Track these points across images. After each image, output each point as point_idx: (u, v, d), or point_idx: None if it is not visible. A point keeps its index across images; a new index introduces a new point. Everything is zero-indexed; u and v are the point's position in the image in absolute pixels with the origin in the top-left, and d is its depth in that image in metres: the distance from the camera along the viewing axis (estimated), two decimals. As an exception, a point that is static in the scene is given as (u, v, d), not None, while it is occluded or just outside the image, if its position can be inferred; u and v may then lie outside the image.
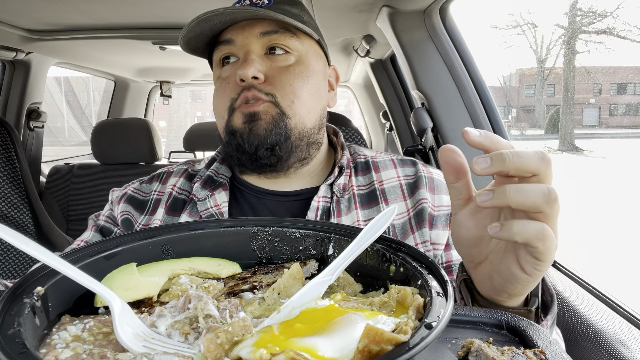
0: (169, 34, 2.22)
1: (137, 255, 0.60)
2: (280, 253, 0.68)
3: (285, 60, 0.97)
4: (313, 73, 1.00)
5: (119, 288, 0.53)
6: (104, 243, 0.59)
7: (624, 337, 1.06)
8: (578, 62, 28.93)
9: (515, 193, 0.54)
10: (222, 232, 0.67)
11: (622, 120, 41.58)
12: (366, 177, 1.06)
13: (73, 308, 0.52)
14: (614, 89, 42.12)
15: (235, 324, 0.43)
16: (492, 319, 0.59)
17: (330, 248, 0.65)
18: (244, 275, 0.62)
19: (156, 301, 0.55)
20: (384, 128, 3.32)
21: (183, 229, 0.65)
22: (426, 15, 1.68)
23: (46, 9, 1.84)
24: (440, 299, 0.46)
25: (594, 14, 29.98)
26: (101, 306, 0.53)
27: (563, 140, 24.54)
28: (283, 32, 0.97)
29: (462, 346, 0.51)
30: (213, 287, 0.59)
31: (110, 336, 0.46)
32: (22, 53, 2.55)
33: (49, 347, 0.43)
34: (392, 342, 0.38)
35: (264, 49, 0.97)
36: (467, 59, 1.70)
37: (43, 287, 0.48)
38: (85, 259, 0.55)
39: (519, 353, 0.47)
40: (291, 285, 0.57)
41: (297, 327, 0.44)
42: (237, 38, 0.97)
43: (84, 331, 0.46)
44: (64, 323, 0.48)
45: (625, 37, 30.10)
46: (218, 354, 0.40)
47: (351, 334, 0.42)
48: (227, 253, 0.66)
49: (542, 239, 0.55)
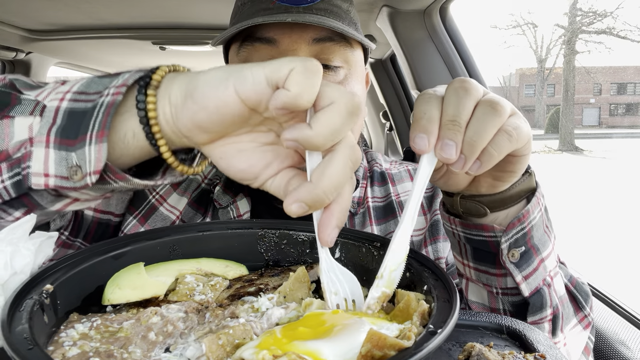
0: (169, 34, 2.22)
1: (145, 255, 0.60)
2: (287, 256, 0.68)
3: (335, 76, 0.87)
4: (360, 92, 0.91)
5: (126, 287, 0.53)
6: (113, 243, 0.59)
7: (624, 337, 1.06)
8: (578, 62, 28.96)
9: (480, 138, 0.54)
10: (230, 234, 0.67)
11: (622, 120, 41.62)
12: (382, 189, 1.01)
13: (81, 306, 0.52)
14: (614, 89, 42.16)
15: (236, 328, 0.44)
16: (493, 323, 0.59)
17: (337, 251, 0.65)
18: (250, 278, 0.62)
19: (163, 300, 0.55)
20: (384, 128, 3.31)
21: (191, 230, 0.65)
22: (426, 15, 1.67)
23: (46, 9, 1.83)
24: (445, 305, 0.46)
25: (594, 14, 30.01)
26: (109, 304, 0.53)
27: (563, 140, 24.55)
28: (338, 41, 0.85)
29: (463, 350, 0.51)
30: (220, 284, 0.59)
31: (117, 334, 0.46)
32: (22, 53, 2.55)
33: (57, 344, 0.44)
34: (395, 347, 0.38)
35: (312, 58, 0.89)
36: (467, 59, 1.70)
37: (52, 284, 0.48)
38: (94, 258, 0.55)
39: (519, 357, 0.47)
40: (297, 288, 0.56)
41: (300, 331, 0.44)
42: (283, 40, 0.83)
43: (91, 329, 0.47)
44: (72, 321, 0.48)
45: (625, 37, 30.13)
46: (220, 354, 0.41)
47: (354, 338, 0.42)
48: (234, 255, 0.66)
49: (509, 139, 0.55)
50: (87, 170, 0.47)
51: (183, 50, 2.49)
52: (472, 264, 0.73)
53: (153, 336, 0.46)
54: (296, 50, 0.83)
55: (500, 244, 0.67)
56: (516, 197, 0.68)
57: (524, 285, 0.68)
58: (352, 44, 0.89)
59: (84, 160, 0.47)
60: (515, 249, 0.67)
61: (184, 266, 0.61)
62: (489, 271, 0.71)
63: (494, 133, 0.54)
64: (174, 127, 0.48)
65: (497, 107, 0.54)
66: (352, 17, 0.91)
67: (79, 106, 0.48)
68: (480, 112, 0.54)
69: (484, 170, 0.55)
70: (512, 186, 0.67)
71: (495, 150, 0.54)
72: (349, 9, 0.90)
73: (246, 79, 0.44)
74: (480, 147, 0.54)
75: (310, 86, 0.43)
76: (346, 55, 0.87)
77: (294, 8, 0.82)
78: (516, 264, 0.67)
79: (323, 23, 0.79)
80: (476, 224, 0.69)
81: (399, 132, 2.97)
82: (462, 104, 0.54)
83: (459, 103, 0.54)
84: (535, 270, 0.69)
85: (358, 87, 0.91)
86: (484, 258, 0.71)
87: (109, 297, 0.53)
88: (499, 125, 0.54)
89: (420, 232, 0.95)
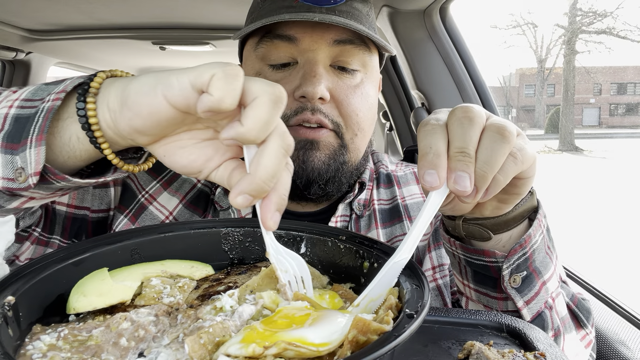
0: (169, 34, 2.22)
1: (107, 260, 0.58)
2: (251, 253, 0.68)
3: (352, 79, 0.86)
4: (374, 97, 0.90)
5: (92, 294, 0.52)
6: (72, 249, 0.57)
7: (624, 337, 1.06)
8: (578, 62, 28.95)
9: (491, 167, 0.53)
10: (193, 235, 0.66)
11: (622, 120, 41.61)
12: (389, 191, 0.99)
13: (43, 316, 0.50)
14: (614, 89, 42.14)
15: (215, 326, 0.44)
16: (493, 322, 0.59)
17: (302, 247, 0.65)
18: (217, 277, 0.62)
19: (130, 305, 0.54)
20: (384, 128, 3.31)
21: (152, 232, 0.64)
22: (426, 15, 1.67)
23: (46, 9, 1.83)
24: (416, 290, 0.47)
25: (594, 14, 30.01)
26: (72, 313, 0.51)
27: (563, 140, 24.55)
28: (358, 44, 0.85)
29: (462, 349, 0.51)
30: (187, 285, 0.58)
31: (87, 343, 0.45)
32: (22, 53, 2.55)
33: (25, 357, 0.42)
34: (377, 332, 0.41)
35: (331, 59, 0.85)
36: (467, 59, 1.70)
37: (14, 296, 0.46)
38: (53, 265, 0.53)
39: (519, 356, 0.47)
40: (266, 284, 0.57)
41: (280, 323, 0.45)
42: (304, 39, 0.83)
43: (59, 340, 0.45)
44: (36, 333, 0.47)
45: (625, 37, 30.13)
46: (202, 353, 0.41)
47: (334, 324, 0.44)
48: (198, 255, 0.65)
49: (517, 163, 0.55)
50: (29, 171, 0.50)
51: (183, 50, 2.49)
52: (473, 285, 0.72)
53: (125, 342, 0.45)
54: (316, 50, 0.83)
55: (501, 270, 0.66)
56: (519, 217, 0.67)
57: (525, 310, 0.67)
58: (370, 48, 0.88)
59: (25, 162, 0.50)
60: (517, 274, 0.66)
61: (148, 269, 0.60)
62: (489, 294, 0.71)
63: (502, 161, 0.53)
64: (116, 131, 0.51)
65: (505, 134, 0.53)
66: (372, 22, 0.90)
67: (24, 112, 0.52)
68: (488, 140, 0.53)
69: (490, 197, 0.55)
70: (515, 207, 0.66)
71: (502, 176, 0.54)
72: (368, 13, 0.90)
73: (172, 85, 0.46)
74: (491, 176, 0.53)
75: (231, 90, 0.45)
76: (364, 59, 0.87)
77: (317, 8, 0.82)
78: (517, 289, 0.66)
79: (349, 24, 0.79)
80: (477, 249, 0.68)
81: (399, 132, 2.97)
82: (468, 134, 0.53)
83: (465, 134, 0.53)
84: (537, 294, 0.68)
85: (372, 92, 0.90)
86: (484, 282, 0.70)
87: (74, 306, 0.51)
88: (508, 151, 0.54)
89: (425, 237, 0.94)
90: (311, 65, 0.82)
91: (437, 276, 0.89)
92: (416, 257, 0.92)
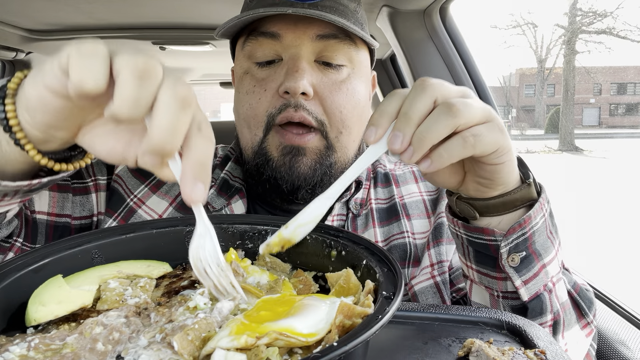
0: (169, 34, 2.22)
1: (67, 265, 0.56)
2: None
3: (337, 74, 0.85)
4: (362, 93, 0.89)
5: (50, 302, 0.50)
6: (30, 255, 0.55)
7: (624, 337, 1.06)
8: (578, 62, 28.95)
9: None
10: (155, 234, 0.65)
11: (622, 120, 41.61)
12: (386, 191, 0.99)
13: (7, 327, 0.49)
14: (614, 89, 42.14)
15: (200, 322, 0.45)
16: (493, 319, 0.59)
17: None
18: (175, 273, 0.62)
19: (92, 310, 0.53)
20: (384, 128, 3.32)
21: (113, 234, 0.63)
22: (426, 15, 1.68)
23: (46, 9, 1.84)
24: (389, 274, 0.49)
25: (594, 14, 30.01)
26: (30, 326, 0.49)
27: (563, 140, 24.55)
28: (342, 39, 0.84)
29: (462, 346, 0.51)
30: (148, 284, 0.57)
31: (62, 351, 0.44)
32: (22, 53, 2.55)
33: None
34: (361, 315, 0.43)
35: (315, 54, 0.85)
36: (467, 59, 1.70)
37: None
38: (13, 274, 0.51)
39: (519, 353, 0.48)
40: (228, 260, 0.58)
41: (264, 314, 0.46)
42: (287, 35, 0.83)
43: (29, 350, 0.44)
44: (3, 344, 0.45)
45: (625, 37, 30.13)
46: (191, 349, 0.42)
47: (317, 312, 0.45)
48: (162, 254, 0.64)
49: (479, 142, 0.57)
50: None
51: (183, 50, 2.49)
52: (475, 266, 0.73)
53: (101, 346, 0.45)
54: (299, 45, 0.83)
55: (499, 248, 0.67)
56: (510, 205, 0.68)
57: (523, 290, 0.68)
58: (356, 43, 0.87)
59: None
60: (515, 254, 0.67)
61: (103, 272, 0.58)
62: (490, 274, 0.71)
63: (444, 133, 0.55)
64: (36, 129, 0.50)
65: (453, 109, 0.55)
66: (359, 18, 0.90)
67: None
68: (436, 111, 0.56)
69: (435, 169, 0.57)
70: (506, 194, 0.67)
71: (445, 152, 0.56)
72: (356, 9, 0.89)
73: (46, 72, 0.46)
74: (428, 142, 0.55)
75: (88, 71, 0.42)
76: (350, 54, 0.86)
77: (298, 3, 0.82)
78: (516, 268, 0.67)
79: (325, 17, 0.79)
80: (476, 227, 0.69)
81: (399, 132, 2.97)
82: (416, 99, 0.56)
83: (412, 100, 0.56)
84: (535, 275, 0.68)
85: (361, 87, 0.90)
86: (485, 261, 0.71)
87: (34, 317, 0.49)
88: (451, 125, 0.55)
89: (424, 234, 0.94)
90: (294, 61, 0.82)
91: (435, 273, 0.90)
92: (415, 253, 0.92)
